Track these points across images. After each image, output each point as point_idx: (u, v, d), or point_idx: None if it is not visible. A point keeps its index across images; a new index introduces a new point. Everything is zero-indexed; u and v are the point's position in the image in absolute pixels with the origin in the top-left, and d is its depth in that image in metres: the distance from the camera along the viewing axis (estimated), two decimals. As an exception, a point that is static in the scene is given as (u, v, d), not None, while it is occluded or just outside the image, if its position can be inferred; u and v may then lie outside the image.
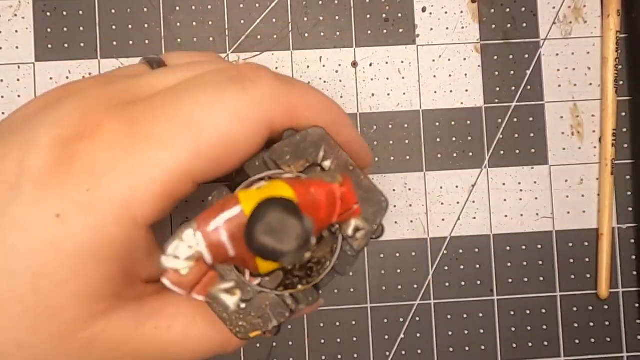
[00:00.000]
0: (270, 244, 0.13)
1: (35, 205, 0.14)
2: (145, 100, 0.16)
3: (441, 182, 0.28)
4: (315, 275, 0.16)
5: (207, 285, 0.16)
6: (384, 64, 0.28)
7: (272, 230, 0.13)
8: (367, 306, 0.28)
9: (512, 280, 0.28)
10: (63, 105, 0.16)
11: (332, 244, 0.17)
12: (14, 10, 0.27)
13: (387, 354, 0.28)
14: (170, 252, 0.14)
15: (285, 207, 0.13)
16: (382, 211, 0.16)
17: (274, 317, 0.16)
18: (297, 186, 0.15)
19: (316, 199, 0.15)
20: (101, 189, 0.15)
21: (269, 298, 0.16)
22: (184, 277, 0.15)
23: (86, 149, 0.15)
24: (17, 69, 0.27)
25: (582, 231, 0.28)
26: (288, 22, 0.28)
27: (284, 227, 0.13)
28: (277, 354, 0.27)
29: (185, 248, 0.14)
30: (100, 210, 0.14)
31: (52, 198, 0.14)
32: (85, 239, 0.14)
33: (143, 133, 0.15)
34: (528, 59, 0.28)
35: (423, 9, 0.28)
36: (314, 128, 0.17)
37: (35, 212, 0.14)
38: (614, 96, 0.28)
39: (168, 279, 0.15)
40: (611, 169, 0.28)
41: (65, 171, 0.14)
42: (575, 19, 0.28)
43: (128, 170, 0.15)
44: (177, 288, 0.15)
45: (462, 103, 0.28)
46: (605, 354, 0.28)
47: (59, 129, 0.15)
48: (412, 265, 0.28)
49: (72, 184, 0.14)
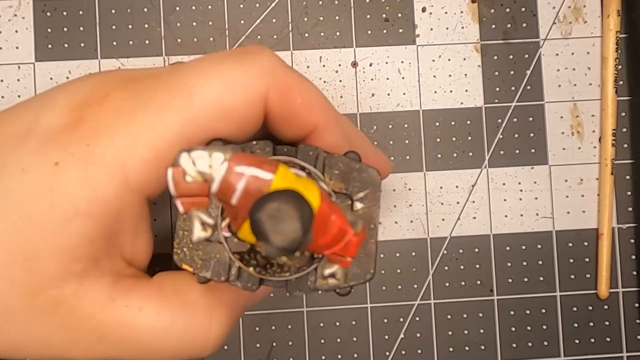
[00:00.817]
0: (266, 226, 0.13)
1: (37, 154, 0.15)
2: (155, 75, 0.17)
3: (441, 182, 0.28)
4: (271, 273, 0.17)
5: (193, 204, 0.16)
6: (384, 64, 0.28)
7: (277, 219, 0.13)
8: (367, 306, 0.28)
9: (512, 280, 0.28)
10: (82, 80, 0.17)
11: (303, 264, 0.17)
12: (14, 10, 0.27)
13: (387, 353, 0.28)
14: (193, 155, 0.15)
15: (302, 210, 0.13)
16: (362, 280, 0.17)
17: (212, 270, 0.16)
18: (324, 203, 0.15)
19: (329, 226, 0.15)
20: (99, 147, 0.15)
21: (222, 253, 0.16)
22: (183, 182, 0.15)
23: (93, 112, 0.16)
24: (17, 69, 0.27)
25: (582, 231, 0.28)
26: (288, 22, 0.28)
27: (287, 225, 0.13)
28: (277, 354, 0.27)
29: (206, 164, 0.15)
30: (95, 166, 0.15)
31: (55, 149, 0.15)
32: (77, 191, 0.15)
33: (144, 100, 0.16)
34: (528, 59, 0.28)
35: (423, 9, 0.28)
36: (375, 171, 0.17)
37: (37, 159, 0.15)
38: (613, 96, 0.28)
39: (172, 173, 0.15)
40: (611, 169, 0.28)
41: (72, 129, 0.15)
42: (575, 19, 0.28)
43: (126, 132, 0.15)
44: (172, 185, 0.15)
45: (462, 103, 0.28)
46: (605, 354, 0.28)
47: (74, 96, 0.16)
48: (412, 265, 0.28)
49: (75, 140, 0.15)
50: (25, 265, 0.15)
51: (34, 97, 0.18)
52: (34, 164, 0.15)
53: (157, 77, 0.17)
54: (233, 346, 0.27)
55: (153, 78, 0.17)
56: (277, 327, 0.27)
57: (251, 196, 0.14)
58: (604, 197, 0.28)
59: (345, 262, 0.16)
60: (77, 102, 0.16)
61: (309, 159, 0.17)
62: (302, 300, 0.28)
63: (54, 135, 0.15)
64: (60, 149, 0.15)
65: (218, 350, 0.27)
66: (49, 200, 0.15)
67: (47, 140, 0.15)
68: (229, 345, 0.27)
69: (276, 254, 0.13)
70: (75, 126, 0.15)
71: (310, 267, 0.16)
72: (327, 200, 0.15)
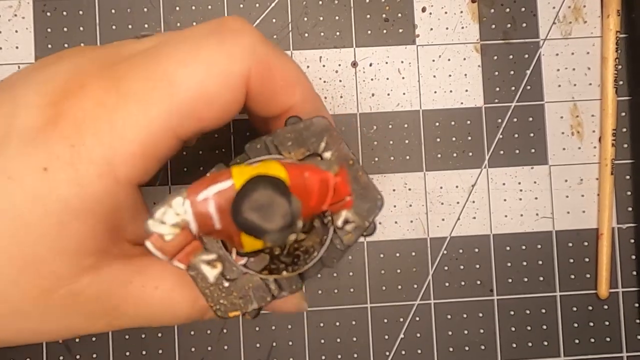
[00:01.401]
0: (254, 220, 0.13)
1: (22, 158, 0.15)
2: (128, 58, 0.16)
3: (441, 182, 0.28)
4: (302, 263, 0.16)
5: (189, 254, 0.16)
6: (384, 64, 0.28)
7: (259, 206, 0.13)
8: (367, 306, 0.28)
9: (512, 280, 0.28)
10: (53, 67, 0.16)
11: (322, 235, 0.17)
12: (13, 10, 0.27)
13: (387, 353, 0.28)
14: (158, 217, 0.15)
15: (274, 185, 0.13)
16: (376, 209, 0.16)
17: (255, 299, 0.16)
18: (291, 169, 0.15)
19: (309, 184, 0.15)
20: (85, 146, 0.15)
21: (252, 280, 0.16)
22: (167, 243, 0.15)
23: (71, 107, 0.15)
24: (17, 69, 0.27)
25: (581, 231, 0.28)
26: (288, 22, 0.28)
27: (271, 204, 0.13)
28: (277, 354, 0.27)
29: (173, 214, 0.14)
30: (83, 166, 0.15)
31: (39, 152, 0.15)
32: (69, 194, 0.15)
33: (123, 91, 0.15)
34: (528, 59, 0.28)
35: (423, 8, 0.28)
36: (319, 118, 0.17)
37: (22, 165, 0.15)
38: (613, 96, 0.28)
39: (152, 243, 0.15)
40: (611, 169, 0.28)
41: (52, 128, 0.15)
42: (575, 19, 0.28)
43: (110, 128, 0.15)
44: (160, 253, 0.15)
45: (462, 103, 0.28)
46: (605, 354, 0.28)
47: (47, 88, 0.15)
48: (412, 265, 0.28)
49: (58, 140, 0.15)
50: (32, 270, 0.15)
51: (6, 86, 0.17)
52: (19, 170, 0.15)
53: (132, 61, 0.16)
54: (233, 346, 0.27)
55: (128, 63, 0.16)
56: (277, 327, 0.27)
57: (227, 210, 0.14)
58: (603, 197, 0.28)
59: (347, 202, 0.16)
60: (52, 96, 0.15)
61: (259, 151, 0.16)
62: (302, 300, 0.28)
63: (34, 136, 0.15)
64: (44, 151, 0.15)
65: (218, 350, 0.27)
66: (43, 207, 0.15)
67: (28, 143, 0.15)
68: (228, 345, 0.27)
69: (282, 237, 0.13)
70: (54, 123, 0.15)
71: (329, 233, 0.16)
72: (292, 165, 0.15)
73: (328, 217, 0.16)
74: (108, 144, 0.15)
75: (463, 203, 0.28)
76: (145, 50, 0.17)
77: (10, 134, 0.15)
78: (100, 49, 0.17)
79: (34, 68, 0.17)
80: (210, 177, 0.14)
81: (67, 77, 0.16)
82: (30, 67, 0.17)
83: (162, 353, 0.27)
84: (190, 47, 0.16)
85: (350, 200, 0.16)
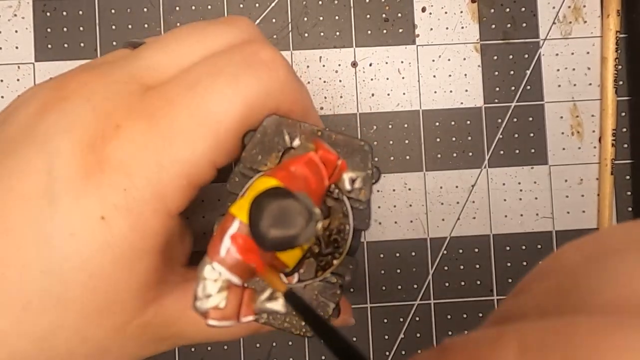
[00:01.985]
0: (279, 235, 0.13)
1: (78, 212, 0.15)
2: (159, 90, 0.16)
3: (441, 182, 0.28)
4: (343, 243, 0.17)
5: (249, 304, 0.16)
6: (384, 64, 0.28)
7: (275, 221, 0.13)
8: (367, 306, 0.28)
9: (512, 280, 0.28)
10: (70, 107, 0.16)
11: (341, 208, 0.17)
12: (13, 10, 0.27)
13: (387, 353, 0.28)
14: (201, 295, 0.15)
15: (274, 194, 0.13)
16: (368, 154, 0.16)
17: (329, 300, 0.17)
18: (277, 172, 0.15)
19: (300, 173, 0.15)
20: (137, 189, 0.15)
21: (314, 287, 0.17)
22: (225, 310, 0.15)
23: (112, 151, 0.15)
24: (17, 69, 0.27)
25: (581, 231, 0.28)
26: (288, 22, 0.28)
27: (283, 212, 0.13)
28: (277, 354, 0.27)
29: (212, 284, 0.15)
30: (139, 208, 0.15)
31: (92, 203, 0.15)
32: (132, 237, 0.15)
33: (164, 129, 0.15)
34: (528, 59, 0.28)
35: (423, 8, 0.28)
36: (268, 118, 0.17)
37: (80, 219, 0.15)
38: (613, 96, 0.28)
39: (213, 319, 0.15)
40: (611, 169, 0.28)
41: (98, 175, 0.15)
42: (575, 18, 0.28)
43: (157, 167, 0.15)
44: (226, 322, 0.15)
45: (461, 103, 0.28)
46: (605, 354, 0.28)
47: (78, 134, 0.15)
48: (411, 265, 0.28)
49: (108, 187, 0.15)
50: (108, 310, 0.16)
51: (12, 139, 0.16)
52: (80, 224, 0.15)
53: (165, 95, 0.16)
54: (233, 346, 0.27)
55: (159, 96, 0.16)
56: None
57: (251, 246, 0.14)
58: (603, 197, 0.28)
59: (341, 165, 0.16)
60: (86, 140, 0.15)
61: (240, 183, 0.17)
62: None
63: (80, 185, 0.15)
64: (98, 200, 0.15)
65: (218, 350, 0.27)
66: (110, 256, 0.15)
67: (77, 193, 0.15)
68: (228, 345, 0.27)
69: (310, 231, 0.13)
70: (100, 170, 0.15)
71: (345, 202, 0.17)
72: (276, 169, 0.15)
73: (336, 190, 0.17)
74: (158, 182, 0.15)
75: (463, 203, 0.28)
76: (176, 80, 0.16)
77: (55, 190, 0.15)
78: (111, 75, 0.17)
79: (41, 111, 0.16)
80: (218, 230, 0.15)
81: (94, 119, 0.15)
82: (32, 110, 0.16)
83: (161, 353, 0.27)
84: (229, 82, 0.16)
85: (343, 161, 0.16)
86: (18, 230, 0.15)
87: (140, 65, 0.17)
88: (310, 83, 0.28)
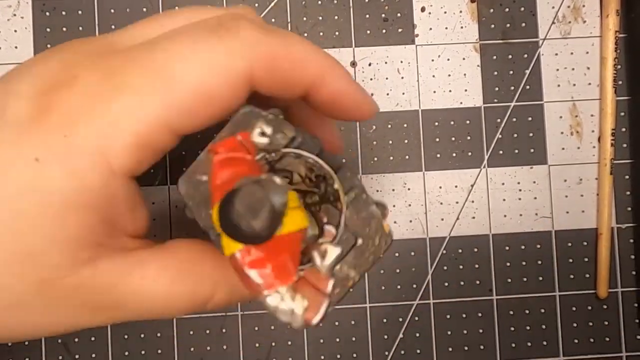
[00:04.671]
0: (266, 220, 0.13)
1: (14, 148, 0.15)
2: (123, 51, 0.16)
3: (440, 181, 0.28)
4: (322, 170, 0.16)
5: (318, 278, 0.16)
6: (383, 63, 0.28)
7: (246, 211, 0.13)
8: (366, 306, 0.28)
9: (511, 280, 0.28)
10: (46, 59, 0.16)
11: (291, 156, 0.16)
12: (12, 10, 0.27)
13: (386, 353, 0.28)
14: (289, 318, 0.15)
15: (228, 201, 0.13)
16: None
17: (372, 203, 0.16)
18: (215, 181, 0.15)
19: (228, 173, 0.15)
20: (78, 136, 0.15)
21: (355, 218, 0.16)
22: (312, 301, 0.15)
23: (63, 97, 0.15)
24: (16, 69, 0.27)
25: (581, 231, 0.28)
26: (287, 22, 0.28)
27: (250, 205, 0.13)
28: (277, 354, 0.27)
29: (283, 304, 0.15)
30: (77, 157, 0.15)
31: (31, 143, 0.15)
32: (64, 185, 0.15)
33: (118, 82, 0.15)
34: (527, 58, 0.28)
35: (422, 8, 0.28)
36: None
37: (14, 156, 0.15)
38: (613, 96, 0.28)
39: (315, 319, 0.15)
40: (610, 169, 0.28)
41: (44, 119, 0.15)
42: (574, 18, 0.28)
43: (103, 118, 0.15)
44: (322, 308, 0.15)
45: (461, 103, 0.28)
46: (604, 354, 0.28)
47: (39, 80, 0.15)
48: (411, 265, 0.28)
49: (50, 130, 0.15)
50: (31, 260, 0.15)
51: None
52: (14, 161, 0.15)
53: (128, 53, 0.16)
54: (232, 346, 0.27)
55: (123, 56, 0.16)
56: (276, 327, 0.27)
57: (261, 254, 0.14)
58: (603, 197, 0.28)
59: (242, 136, 0.16)
60: (44, 86, 0.15)
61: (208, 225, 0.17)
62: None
63: (26, 126, 0.15)
64: (36, 141, 0.15)
65: (217, 350, 0.27)
66: (38, 198, 0.15)
67: (20, 131, 0.15)
68: (228, 345, 0.27)
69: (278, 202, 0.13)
70: (47, 113, 0.15)
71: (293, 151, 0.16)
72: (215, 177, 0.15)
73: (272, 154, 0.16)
74: (102, 134, 0.15)
75: (462, 203, 0.28)
76: (141, 43, 0.16)
77: (2, 125, 0.15)
78: (93, 41, 0.17)
79: (30, 61, 0.17)
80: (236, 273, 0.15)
81: (59, 68, 0.16)
82: (28, 61, 0.17)
83: (161, 353, 0.27)
84: (188, 43, 0.16)
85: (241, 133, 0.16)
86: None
87: (123, 34, 0.17)
88: (310, 83, 0.28)
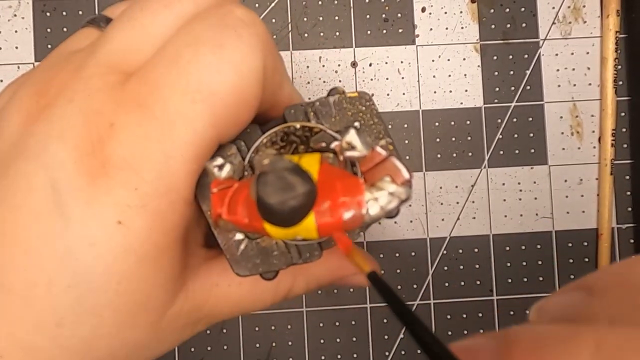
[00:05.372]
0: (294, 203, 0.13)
1: (92, 220, 0.14)
2: (140, 75, 0.15)
3: (441, 182, 0.28)
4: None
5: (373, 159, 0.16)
6: (384, 64, 0.28)
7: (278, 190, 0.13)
8: (367, 306, 0.28)
9: (512, 280, 0.28)
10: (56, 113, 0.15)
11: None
12: (13, 10, 0.27)
13: (387, 353, 0.28)
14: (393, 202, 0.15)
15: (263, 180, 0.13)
16: None
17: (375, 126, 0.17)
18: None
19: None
20: (148, 184, 0.14)
21: None
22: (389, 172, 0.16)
23: (113, 150, 0.14)
24: (17, 69, 0.27)
25: (581, 231, 0.28)
26: (287, 22, 0.28)
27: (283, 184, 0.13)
28: (277, 354, 0.27)
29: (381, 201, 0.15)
30: (155, 204, 0.15)
31: (105, 208, 0.14)
32: (152, 235, 0.15)
33: (160, 116, 0.15)
34: (527, 59, 0.28)
35: (422, 9, 0.28)
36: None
37: (96, 227, 0.14)
38: (613, 96, 0.28)
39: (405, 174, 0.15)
40: (610, 169, 0.28)
41: (104, 179, 0.14)
42: (574, 19, 0.28)
43: (164, 157, 0.15)
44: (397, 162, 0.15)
45: (461, 103, 0.28)
46: (605, 354, 0.28)
47: (72, 140, 0.14)
48: (411, 265, 0.28)
49: (118, 188, 0.14)
50: (139, 309, 0.16)
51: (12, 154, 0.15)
52: (98, 233, 0.14)
53: (148, 79, 0.15)
54: (233, 346, 0.27)
55: (142, 82, 0.15)
56: (277, 327, 0.27)
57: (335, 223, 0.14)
58: (603, 197, 0.28)
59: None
60: (83, 146, 0.14)
61: None
62: (302, 300, 0.28)
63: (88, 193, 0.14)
64: (110, 204, 0.14)
65: (217, 350, 0.27)
66: (133, 258, 0.15)
67: (87, 201, 0.14)
68: (228, 345, 0.27)
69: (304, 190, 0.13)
70: (105, 173, 0.14)
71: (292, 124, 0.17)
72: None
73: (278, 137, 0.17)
74: (168, 172, 0.15)
75: (463, 203, 0.28)
76: (154, 59, 0.16)
77: (63, 201, 0.14)
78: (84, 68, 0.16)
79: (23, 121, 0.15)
80: None
81: (84, 122, 0.15)
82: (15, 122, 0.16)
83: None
84: (213, 49, 0.15)
85: None
86: (36, 249, 0.14)
87: (112, 49, 0.16)
88: (310, 83, 0.28)
